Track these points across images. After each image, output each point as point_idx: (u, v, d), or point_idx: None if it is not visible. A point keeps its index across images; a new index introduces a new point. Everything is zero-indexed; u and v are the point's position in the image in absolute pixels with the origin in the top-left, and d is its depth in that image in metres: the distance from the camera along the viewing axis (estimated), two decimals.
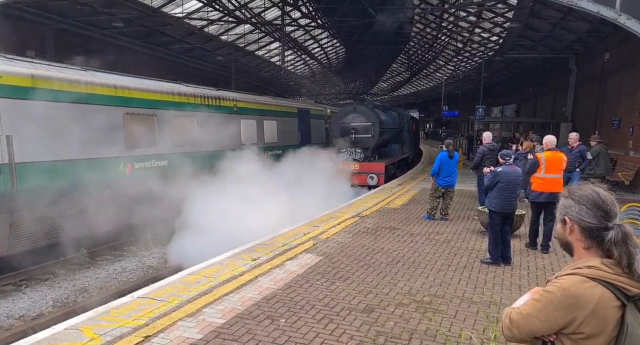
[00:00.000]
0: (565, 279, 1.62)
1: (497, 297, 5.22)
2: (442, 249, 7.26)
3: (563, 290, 1.58)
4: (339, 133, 15.85)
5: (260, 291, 5.22)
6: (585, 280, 1.57)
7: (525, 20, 16.30)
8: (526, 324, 1.65)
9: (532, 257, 6.88)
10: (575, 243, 1.69)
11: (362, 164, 15.27)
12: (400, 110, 22.35)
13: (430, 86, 47.90)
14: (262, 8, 22.49)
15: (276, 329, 4.27)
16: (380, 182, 14.96)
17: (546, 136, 7.67)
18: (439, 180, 9.50)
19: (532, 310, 1.64)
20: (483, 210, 8.26)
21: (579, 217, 1.65)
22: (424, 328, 4.35)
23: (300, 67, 39.44)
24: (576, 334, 1.57)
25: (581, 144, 10.36)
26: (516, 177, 6.51)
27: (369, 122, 15.54)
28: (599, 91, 17.26)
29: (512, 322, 1.69)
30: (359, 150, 15.46)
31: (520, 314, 1.68)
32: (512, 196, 6.48)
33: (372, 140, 15.59)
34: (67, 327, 4.12)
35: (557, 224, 1.77)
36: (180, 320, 4.36)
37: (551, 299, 1.60)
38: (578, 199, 1.68)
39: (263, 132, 16.26)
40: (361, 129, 15.50)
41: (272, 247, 7.12)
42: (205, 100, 12.85)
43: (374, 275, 5.88)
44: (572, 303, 1.55)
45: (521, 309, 1.69)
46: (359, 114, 15.70)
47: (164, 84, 11.66)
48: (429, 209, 9.64)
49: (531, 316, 1.64)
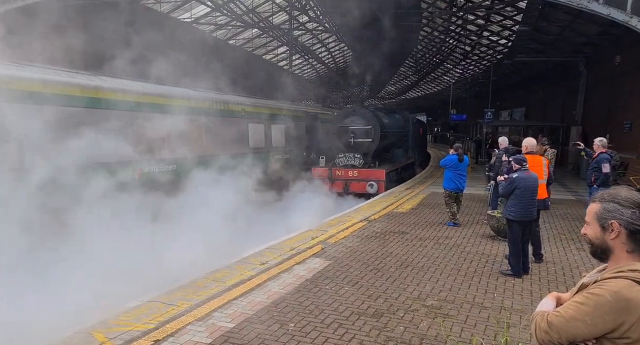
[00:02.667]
0: (614, 283, 1.58)
1: (508, 302, 5.16)
2: (452, 253, 7.20)
3: (614, 294, 1.55)
4: (337, 137, 14.86)
5: (269, 295, 5.21)
6: (634, 284, 1.55)
7: (534, 24, 16.23)
8: (569, 327, 1.60)
9: (543, 262, 6.80)
10: (618, 247, 1.66)
11: (362, 170, 14.32)
12: (405, 113, 21.49)
13: (438, 90, 47.78)
14: (269, 12, 22.64)
15: (285, 333, 4.26)
16: (380, 190, 13.98)
17: (526, 138, 7.33)
18: (449, 184, 9.37)
19: (578, 314, 1.59)
20: (493, 215, 8.19)
21: (630, 220, 1.62)
22: (434, 333, 4.31)
23: (307, 71, 39.56)
24: (622, 339, 1.54)
25: (604, 153, 8.30)
26: (533, 182, 6.23)
27: (368, 125, 14.60)
28: (609, 94, 17.11)
29: (551, 326, 1.64)
30: (358, 156, 14.50)
31: (562, 317, 1.63)
32: (530, 203, 6.18)
33: (372, 144, 14.67)
34: (77, 331, 4.14)
35: (592, 229, 1.72)
36: (190, 324, 4.36)
37: (601, 302, 1.56)
38: (624, 202, 1.65)
39: (271, 136, 16.26)
40: (361, 132, 14.57)
41: (280, 251, 7.11)
42: (212, 105, 12.90)
43: (383, 280, 5.85)
44: (622, 307, 1.52)
45: (562, 312, 1.64)
46: (359, 117, 14.76)
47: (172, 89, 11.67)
48: (450, 215, 9.38)
49: (576, 320, 1.59)
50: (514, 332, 4.34)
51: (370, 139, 14.59)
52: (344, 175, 14.32)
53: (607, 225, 1.67)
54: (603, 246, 1.70)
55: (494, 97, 27.01)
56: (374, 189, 13.88)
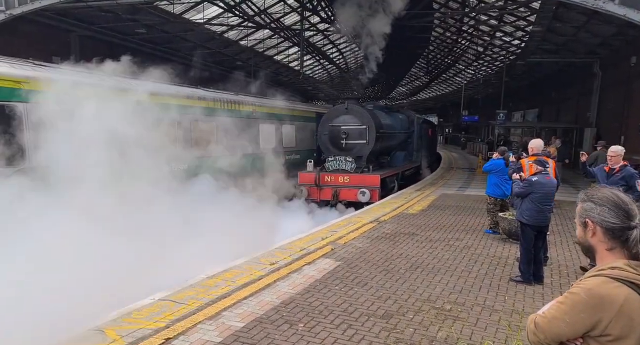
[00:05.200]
0: (590, 280, 1.61)
1: (519, 305, 5.12)
2: (462, 255, 7.16)
3: (587, 291, 1.57)
4: (328, 138, 13.50)
5: (279, 295, 5.23)
6: (609, 281, 1.56)
7: (548, 24, 16.05)
8: (551, 327, 1.64)
9: (555, 265, 6.73)
10: (598, 245, 1.69)
11: (353, 175, 12.84)
12: (410, 113, 19.92)
13: (450, 91, 47.49)
14: (281, 13, 22.70)
15: (295, 333, 4.27)
16: (373, 198, 12.45)
17: (532, 140, 7.12)
18: (494, 191, 8.75)
19: (557, 313, 1.63)
20: (504, 217, 8.12)
21: (601, 218, 1.66)
22: (444, 335, 4.29)
23: (318, 71, 39.59)
24: (604, 337, 1.55)
25: (627, 166, 6.39)
26: (551, 188, 6.05)
27: (363, 125, 13.18)
28: (624, 96, 16.86)
29: (537, 327, 1.68)
30: (350, 159, 13.05)
31: (545, 317, 1.67)
32: (546, 208, 6.01)
33: (366, 147, 13.27)
34: (90, 328, 4.19)
35: (577, 228, 1.77)
36: (200, 323, 4.39)
37: (576, 301, 1.59)
38: (598, 200, 1.69)
39: (282, 136, 16.31)
40: (354, 133, 13.19)
41: (290, 251, 7.13)
42: (224, 105, 12.98)
43: (393, 281, 5.83)
44: (596, 303, 1.54)
45: (546, 312, 1.68)
46: (352, 116, 13.35)
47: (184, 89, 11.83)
48: (492, 223, 8.76)
49: (556, 319, 1.63)
50: (526, 335, 4.29)
51: (364, 141, 13.24)
52: (334, 181, 12.96)
53: (585, 224, 1.71)
54: (586, 245, 1.74)
55: (506, 98, 26.73)
56: (366, 197, 12.39)
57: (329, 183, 12.97)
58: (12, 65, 7.72)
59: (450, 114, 60.74)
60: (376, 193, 12.56)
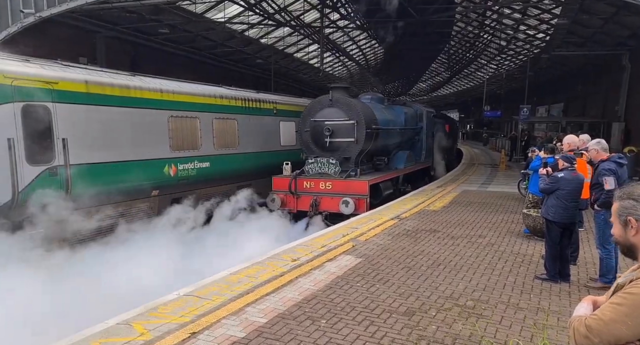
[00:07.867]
0: None
1: (544, 303, 5.03)
2: (485, 252, 7.07)
3: None
4: (310, 135, 11.32)
5: (301, 292, 5.27)
6: None
7: (574, 17, 15.63)
8: (610, 330, 1.57)
9: (582, 263, 6.58)
10: None
11: (336, 181, 10.67)
12: (417, 106, 17.10)
13: (471, 86, 46.75)
14: (301, 11, 22.72)
15: (317, 329, 4.30)
16: (359, 208, 10.28)
17: (567, 136, 6.90)
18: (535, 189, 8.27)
19: (617, 316, 1.56)
20: (529, 213, 7.98)
21: None
22: (468, 333, 4.26)
23: (338, 68, 39.48)
24: None
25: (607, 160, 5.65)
26: (578, 184, 5.84)
27: (351, 120, 10.92)
28: None
29: (591, 330, 1.60)
30: (334, 161, 10.90)
31: (600, 320, 1.60)
32: (572, 205, 5.82)
33: (354, 146, 11.05)
34: (119, 322, 4.32)
35: (616, 227, 1.72)
36: (224, 318, 4.47)
37: (638, 302, 1.53)
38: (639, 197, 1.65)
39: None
40: (340, 129, 10.96)
41: (311, 248, 7.17)
42: (245, 103, 13.11)
43: (415, 278, 5.81)
44: None
45: (600, 315, 1.61)
46: (337, 109, 11.09)
47: (206, 87, 12.00)
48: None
49: (615, 322, 1.56)
50: (552, 334, 4.23)
51: (352, 139, 10.99)
52: (314, 187, 10.77)
53: (626, 223, 1.67)
54: (627, 244, 1.69)
55: (530, 92, 26.14)
56: (349, 208, 10.19)
57: (307, 190, 10.81)
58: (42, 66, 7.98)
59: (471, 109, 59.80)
60: (363, 203, 10.42)
